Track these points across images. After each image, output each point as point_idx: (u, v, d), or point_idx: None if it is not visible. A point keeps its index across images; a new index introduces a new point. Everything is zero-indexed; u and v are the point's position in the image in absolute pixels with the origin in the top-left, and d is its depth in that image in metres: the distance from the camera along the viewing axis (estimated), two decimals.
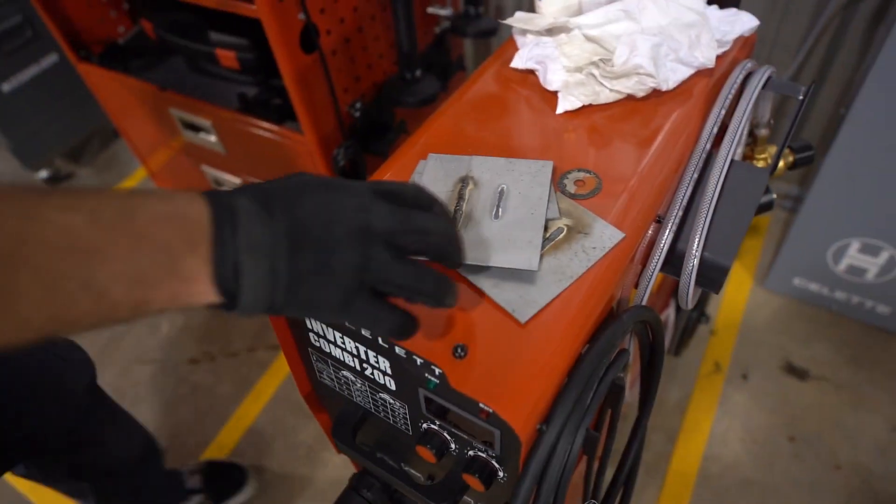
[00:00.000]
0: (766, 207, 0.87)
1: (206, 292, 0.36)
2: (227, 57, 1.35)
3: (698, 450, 1.40)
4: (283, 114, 1.31)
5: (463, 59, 1.60)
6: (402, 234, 0.41)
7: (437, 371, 0.52)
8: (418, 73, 1.33)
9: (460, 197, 0.62)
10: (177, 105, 1.41)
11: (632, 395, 1.04)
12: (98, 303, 0.31)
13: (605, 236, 0.58)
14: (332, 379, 0.69)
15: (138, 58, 1.50)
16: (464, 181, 0.64)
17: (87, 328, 0.32)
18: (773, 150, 0.85)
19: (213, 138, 1.44)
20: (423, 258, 0.46)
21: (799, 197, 1.77)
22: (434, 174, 0.65)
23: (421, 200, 0.44)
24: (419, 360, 0.54)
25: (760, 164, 0.85)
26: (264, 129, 1.32)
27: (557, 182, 0.64)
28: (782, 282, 1.64)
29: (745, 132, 0.81)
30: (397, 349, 0.55)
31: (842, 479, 1.35)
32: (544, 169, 0.63)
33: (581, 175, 0.63)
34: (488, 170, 0.64)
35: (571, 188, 0.63)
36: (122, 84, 1.46)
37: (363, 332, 0.56)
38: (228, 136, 1.42)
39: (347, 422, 0.70)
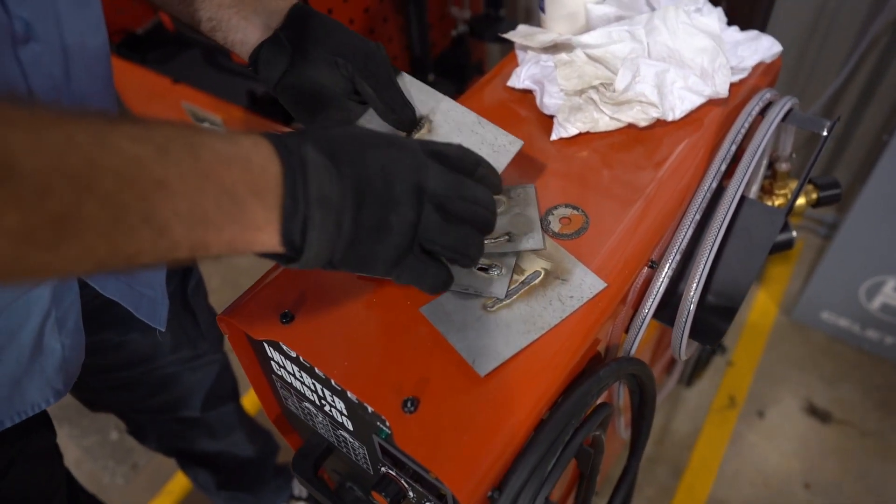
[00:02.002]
0: (783, 247, 0.80)
1: (269, 242, 0.36)
2: None
3: (704, 490, 1.33)
4: (290, 113, 1.28)
5: (482, 63, 1.55)
6: (453, 200, 0.41)
7: (388, 423, 0.48)
8: (431, 77, 1.29)
9: (407, 136, 0.55)
10: (189, 98, 1.40)
11: (627, 434, 0.98)
12: (158, 239, 0.31)
13: (584, 285, 0.52)
14: (296, 408, 0.65)
15: (155, 49, 1.50)
16: (420, 120, 0.56)
17: (149, 265, 0.32)
18: (793, 185, 0.78)
19: None
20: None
21: (834, 224, 1.66)
22: None
23: (466, 163, 0.44)
24: (370, 409, 0.50)
25: (779, 200, 0.77)
26: (272, 127, 1.30)
27: (542, 217, 0.58)
28: (810, 314, 1.54)
29: (762, 168, 0.74)
30: (349, 393, 0.51)
31: None
32: (510, 147, 0.54)
33: (568, 211, 0.58)
34: (453, 119, 0.56)
35: (556, 226, 0.57)
36: (137, 74, 1.45)
37: (318, 371, 0.52)
38: None
39: (310, 454, 0.67)
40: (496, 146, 0.54)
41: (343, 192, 0.37)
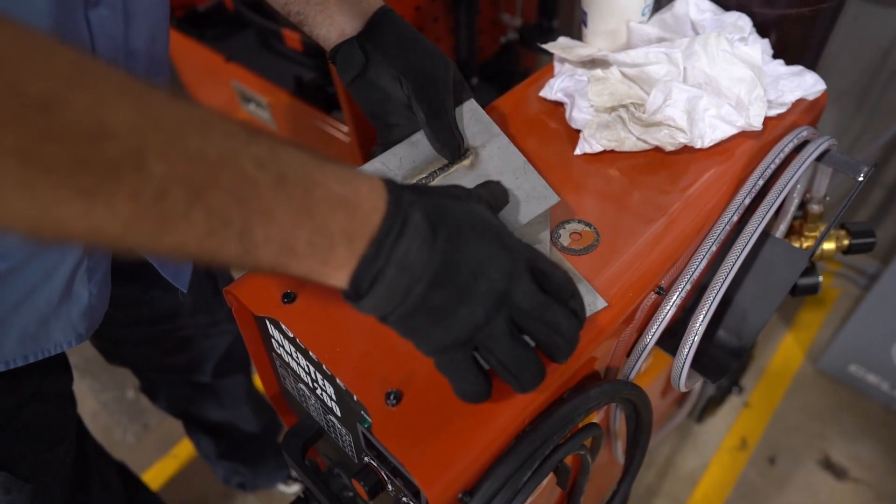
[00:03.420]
0: (807, 290, 0.77)
1: (340, 279, 0.36)
2: (293, 38, 1.36)
3: None
4: (332, 103, 1.30)
5: (530, 71, 1.54)
6: (530, 319, 0.40)
7: (369, 412, 0.49)
8: (475, 80, 1.29)
9: (448, 164, 0.57)
10: (239, 78, 1.44)
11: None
12: (244, 255, 0.32)
13: (584, 302, 0.52)
14: (292, 388, 0.67)
15: (214, 27, 1.54)
16: (467, 150, 0.58)
17: (226, 267, 0.34)
18: (824, 228, 0.75)
19: (265, 115, 1.45)
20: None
21: (875, 276, 1.59)
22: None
23: (563, 290, 0.42)
24: (355, 397, 0.50)
25: (808, 242, 0.75)
26: (313, 115, 1.32)
27: (553, 230, 0.58)
28: (837, 366, 1.48)
29: (792, 207, 0.72)
30: (337, 380, 0.52)
31: None
32: (544, 201, 0.55)
33: (579, 227, 0.58)
34: (500, 158, 0.57)
35: (565, 240, 0.57)
36: (193, 49, 1.50)
37: (311, 353, 0.53)
38: (281, 117, 1.43)
39: (300, 434, 0.68)
40: (532, 194, 0.54)
41: (427, 264, 0.37)
